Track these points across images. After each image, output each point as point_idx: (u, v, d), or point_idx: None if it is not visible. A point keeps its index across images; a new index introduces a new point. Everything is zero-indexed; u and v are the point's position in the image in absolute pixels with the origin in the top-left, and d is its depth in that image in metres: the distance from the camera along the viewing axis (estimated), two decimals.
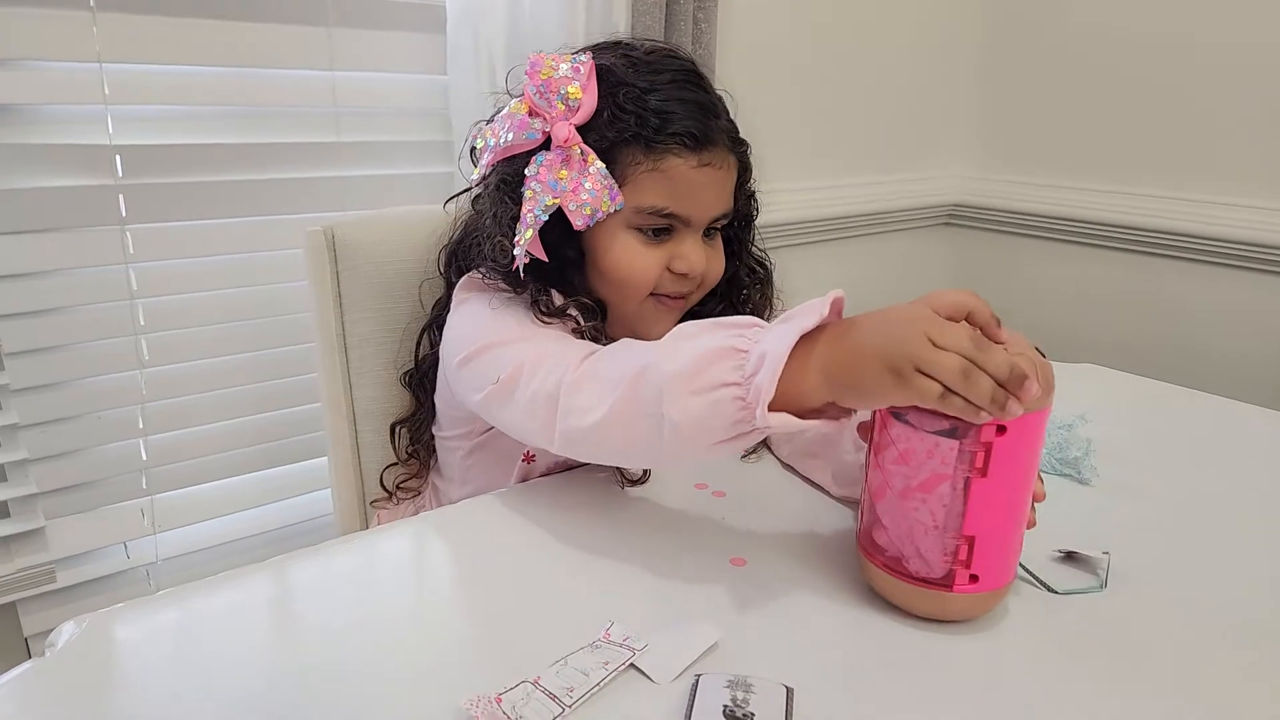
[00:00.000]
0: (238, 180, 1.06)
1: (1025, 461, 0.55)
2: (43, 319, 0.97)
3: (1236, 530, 0.73)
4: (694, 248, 0.76)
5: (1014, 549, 0.58)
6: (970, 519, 0.55)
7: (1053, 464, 0.82)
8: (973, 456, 0.53)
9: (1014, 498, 0.56)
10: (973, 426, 0.52)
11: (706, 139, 0.73)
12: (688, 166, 0.73)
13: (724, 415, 0.55)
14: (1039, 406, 0.53)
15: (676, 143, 0.72)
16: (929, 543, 0.56)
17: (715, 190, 0.76)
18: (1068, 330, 1.78)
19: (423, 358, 0.85)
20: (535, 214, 0.71)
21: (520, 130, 0.72)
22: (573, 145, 0.71)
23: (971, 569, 0.56)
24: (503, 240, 0.74)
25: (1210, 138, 1.53)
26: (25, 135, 0.93)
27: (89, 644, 0.55)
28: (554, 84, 0.71)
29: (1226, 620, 0.60)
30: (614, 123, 0.72)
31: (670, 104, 0.73)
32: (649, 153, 0.72)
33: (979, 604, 0.58)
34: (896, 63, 1.72)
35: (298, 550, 0.66)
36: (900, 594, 0.59)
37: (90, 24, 0.92)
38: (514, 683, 0.50)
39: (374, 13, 1.11)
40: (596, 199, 0.71)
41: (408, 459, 0.87)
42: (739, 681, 0.51)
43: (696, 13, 1.24)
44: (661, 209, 0.73)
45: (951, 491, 0.55)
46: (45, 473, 1.01)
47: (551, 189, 0.71)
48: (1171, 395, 1.07)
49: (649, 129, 0.72)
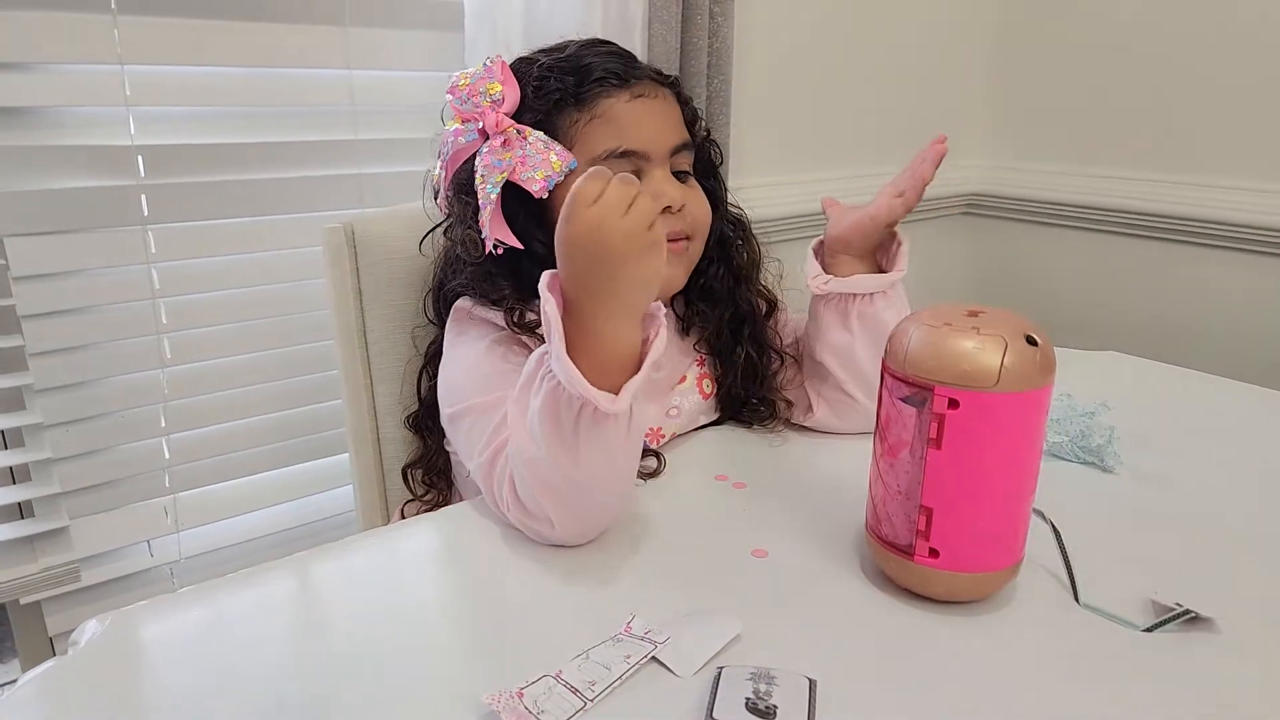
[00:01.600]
0: (257, 179, 1.06)
1: (994, 443, 0.55)
2: (66, 319, 0.98)
3: (1263, 517, 0.72)
4: (665, 180, 0.77)
5: (995, 535, 0.57)
6: (928, 490, 0.56)
7: (1076, 452, 0.81)
8: (928, 427, 0.55)
9: (982, 479, 0.55)
10: (929, 396, 0.54)
11: (630, 74, 0.76)
12: (621, 102, 0.75)
13: (607, 434, 0.59)
14: (1006, 389, 0.53)
15: (602, 85, 0.75)
16: (895, 507, 0.58)
17: (659, 118, 0.77)
18: (1090, 317, 1.76)
19: (424, 398, 0.85)
20: (488, 191, 0.72)
21: (457, 138, 0.74)
22: (507, 128, 0.73)
23: (930, 542, 0.57)
24: (469, 232, 0.75)
25: (1231, 121, 1.50)
26: (49, 137, 0.94)
27: (111, 642, 0.55)
28: (474, 88, 0.74)
29: (1258, 610, 0.59)
30: (540, 96, 0.75)
31: (585, 58, 0.77)
32: (581, 106, 0.75)
33: (954, 583, 0.57)
34: (914, 53, 1.71)
35: (319, 546, 0.66)
36: (879, 556, 0.61)
37: (112, 27, 0.93)
38: (536, 676, 0.50)
39: (391, 11, 1.11)
40: (545, 163, 0.72)
41: (426, 493, 0.86)
42: (761, 673, 0.50)
43: (713, 6, 1.23)
44: (614, 149, 0.75)
45: (911, 459, 0.57)
46: (69, 472, 1.02)
47: (497, 167, 0.73)
48: (1195, 381, 1.05)
49: (572, 86, 0.75)
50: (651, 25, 1.16)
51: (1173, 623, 0.57)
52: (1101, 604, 0.59)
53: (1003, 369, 0.53)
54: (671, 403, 0.84)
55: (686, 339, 0.86)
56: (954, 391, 0.54)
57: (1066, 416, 0.85)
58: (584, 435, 0.59)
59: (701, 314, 0.84)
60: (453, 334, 0.79)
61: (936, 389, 0.54)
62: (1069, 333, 1.73)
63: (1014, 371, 0.53)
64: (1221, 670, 0.53)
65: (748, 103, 1.42)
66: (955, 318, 0.57)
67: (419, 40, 1.15)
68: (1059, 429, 0.83)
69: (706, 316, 0.84)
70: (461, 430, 0.74)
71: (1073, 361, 1.04)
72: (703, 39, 1.22)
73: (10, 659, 1.16)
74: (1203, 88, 1.53)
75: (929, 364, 0.55)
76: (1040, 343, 0.55)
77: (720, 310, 0.84)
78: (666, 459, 0.78)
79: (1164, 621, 0.57)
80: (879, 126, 1.70)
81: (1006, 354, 0.53)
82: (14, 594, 1.01)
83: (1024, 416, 0.55)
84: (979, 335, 0.54)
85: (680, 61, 1.21)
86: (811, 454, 0.83)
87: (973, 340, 0.54)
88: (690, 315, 0.85)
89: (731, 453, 0.84)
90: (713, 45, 1.25)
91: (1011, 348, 0.53)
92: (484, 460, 0.68)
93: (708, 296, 0.84)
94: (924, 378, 0.55)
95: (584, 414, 0.58)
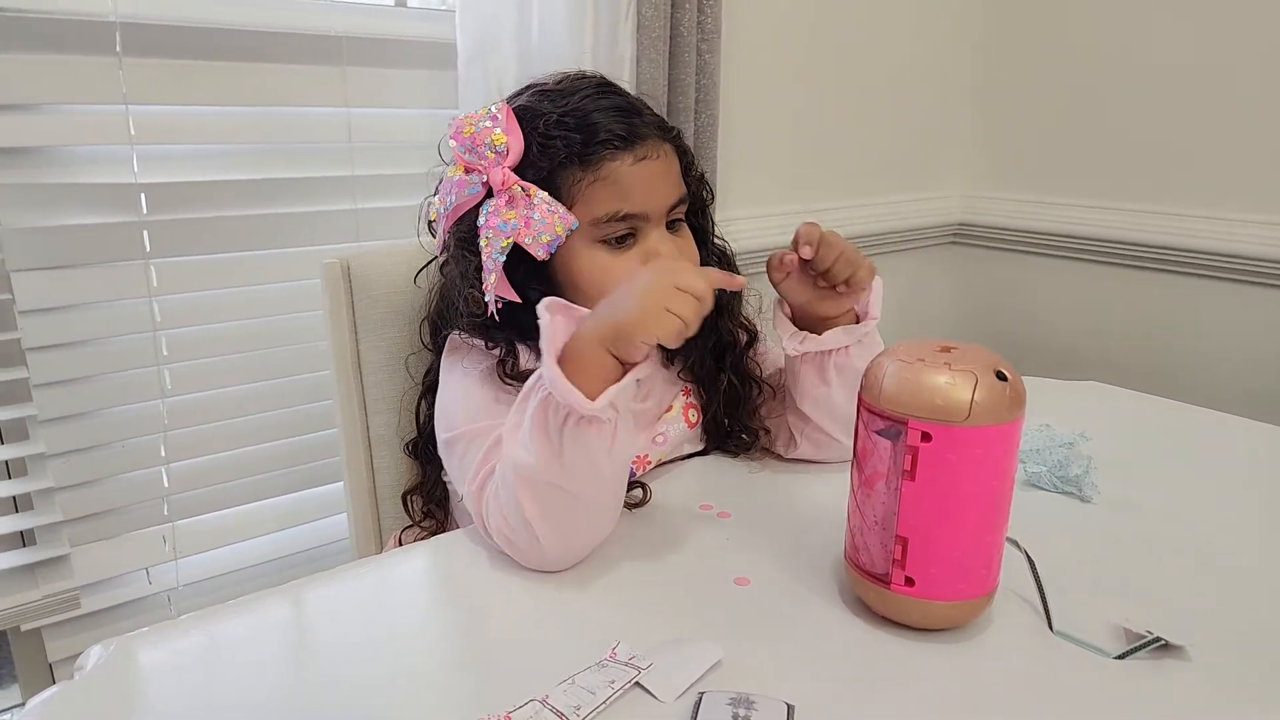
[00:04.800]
0: (257, 214, 1.09)
1: (967, 475, 0.57)
2: (69, 351, 1.00)
3: (1238, 547, 0.74)
4: (661, 239, 0.78)
5: (969, 564, 0.59)
6: (903, 520, 0.58)
7: (1054, 481, 0.83)
8: (902, 459, 0.57)
9: (956, 510, 0.57)
10: (903, 430, 0.57)
11: (635, 135, 0.77)
12: (626, 165, 0.76)
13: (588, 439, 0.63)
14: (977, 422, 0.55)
15: (608, 147, 0.75)
16: (872, 537, 0.60)
17: (660, 180, 0.78)
18: (1075, 346, 1.78)
19: (422, 426, 0.88)
20: (494, 257, 0.74)
21: (461, 189, 0.75)
22: (512, 185, 0.74)
23: (906, 571, 0.59)
24: (472, 292, 0.77)
25: (1215, 151, 1.54)
26: (56, 176, 0.97)
27: (115, 667, 0.57)
28: (479, 138, 0.74)
29: (1229, 636, 0.61)
30: (545, 152, 0.76)
31: (590, 116, 0.76)
32: (585, 166, 0.75)
33: (929, 611, 0.59)
34: (898, 84, 1.75)
35: (314, 574, 0.68)
36: (856, 585, 0.63)
37: (117, 68, 0.96)
38: (523, 701, 0.52)
39: (386, 52, 1.15)
40: (549, 226, 0.74)
41: (424, 519, 0.88)
42: (741, 699, 0.52)
43: (700, 44, 1.27)
44: (616, 213, 0.76)
45: (887, 490, 0.59)
46: (70, 501, 1.04)
47: (503, 231, 0.73)
48: (1175, 411, 1.07)
49: (578, 145, 0.75)
50: (640, 63, 1.19)
51: (1144, 650, 0.58)
52: (1074, 632, 0.61)
53: (973, 403, 0.55)
54: (658, 430, 0.86)
55: (671, 368, 0.89)
56: (927, 425, 0.56)
57: (1045, 446, 0.87)
58: (568, 439, 0.63)
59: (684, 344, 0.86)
60: (448, 361, 0.81)
61: (910, 422, 0.56)
62: (1054, 362, 1.76)
63: (984, 406, 0.55)
64: (1194, 699, 0.55)
65: (734, 136, 1.46)
66: (928, 353, 0.59)
67: (414, 79, 1.18)
68: (1038, 459, 0.85)
69: (689, 346, 0.86)
70: (455, 456, 0.76)
71: (1053, 392, 1.07)
72: (690, 75, 1.26)
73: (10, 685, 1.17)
74: (1187, 118, 1.56)
75: (903, 398, 0.57)
76: (1010, 378, 0.57)
77: (702, 340, 0.86)
78: (653, 489, 0.80)
79: (1135, 649, 0.59)
80: (864, 158, 1.73)
81: (977, 389, 0.56)
82: (15, 620, 1.02)
83: (994, 449, 0.57)
84: (951, 371, 0.56)
85: (668, 97, 1.24)
86: (793, 484, 0.85)
87: (945, 375, 0.56)
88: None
89: (716, 483, 0.86)
90: (700, 81, 1.28)
91: (982, 383, 0.56)
92: (475, 487, 0.71)
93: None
94: (898, 412, 0.57)
95: (569, 419, 0.63)
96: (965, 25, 1.81)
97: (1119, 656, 0.58)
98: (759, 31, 1.48)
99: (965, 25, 1.81)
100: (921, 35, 1.75)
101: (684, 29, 1.23)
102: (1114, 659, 0.58)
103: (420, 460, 0.89)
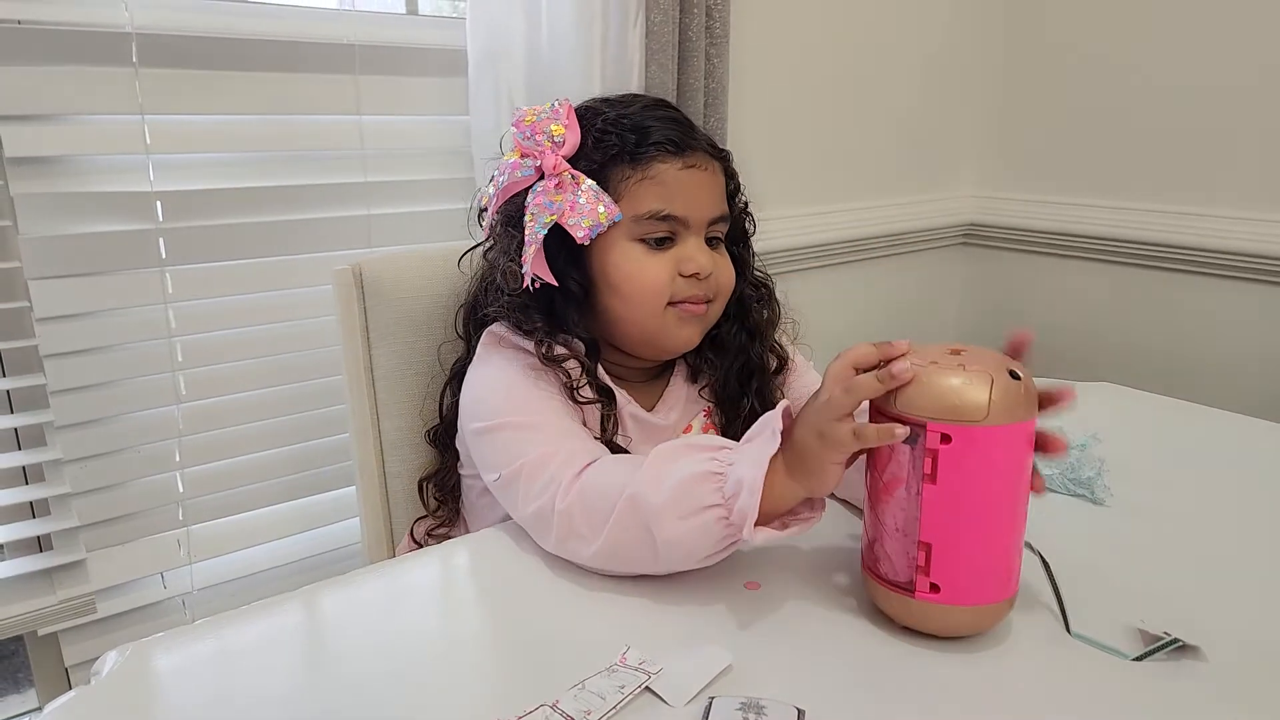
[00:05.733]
0: (270, 221, 1.10)
1: (986, 476, 0.57)
2: (86, 358, 1.01)
3: (1251, 550, 0.73)
4: (698, 248, 0.79)
5: (991, 567, 0.59)
6: (925, 525, 0.57)
7: (1066, 484, 0.83)
8: (922, 462, 0.56)
9: (977, 512, 0.57)
10: (922, 433, 0.56)
11: (686, 144, 0.79)
12: (674, 169, 0.78)
13: (711, 535, 0.62)
14: (994, 422, 0.55)
15: (659, 150, 0.78)
16: (894, 545, 0.60)
17: (705, 190, 0.80)
18: (1086, 348, 1.77)
19: (445, 415, 0.88)
20: (535, 230, 0.75)
21: (514, 171, 0.78)
22: (563, 171, 0.76)
23: (931, 577, 0.58)
24: (511, 265, 0.79)
25: (1226, 152, 1.53)
26: (73, 185, 0.98)
27: (131, 672, 0.58)
28: (539, 126, 0.77)
29: (1246, 639, 0.60)
30: (599, 147, 0.78)
31: (647, 121, 0.79)
32: (635, 164, 0.78)
33: (954, 618, 0.59)
34: (909, 85, 1.74)
35: (327, 579, 0.69)
36: (877, 595, 0.62)
37: (133, 79, 0.97)
38: (533, 706, 0.52)
39: (398, 60, 1.16)
40: (593, 212, 0.75)
41: (437, 509, 0.89)
42: (751, 704, 0.52)
43: (709, 49, 1.27)
44: (658, 212, 0.77)
45: (907, 495, 0.58)
46: (86, 506, 1.05)
47: (548, 208, 0.75)
48: (1188, 412, 1.07)
49: (631, 144, 0.78)
50: (649, 67, 1.20)
51: (1161, 652, 0.58)
52: (1091, 634, 0.61)
53: (991, 402, 0.55)
54: None
55: (694, 386, 0.89)
56: (946, 426, 0.55)
57: None
58: (699, 521, 0.62)
59: (710, 363, 0.87)
60: (485, 353, 0.81)
61: (929, 425, 0.56)
62: (1066, 363, 1.75)
63: (1001, 405, 0.55)
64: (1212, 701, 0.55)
65: (743, 141, 1.46)
66: (939, 356, 0.59)
67: (425, 87, 1.19)
68: (1049, 461, 0.85)
69: (714, 365, 0.87)
70: (490, 444, 0.76)
71: None
72: (699, 79, 1.26)
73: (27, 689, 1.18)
74: (1201, 117, 1.55)
75: (919, 401, 0.56)
76: (1023, 377, 0.57)
77: (729, 362, 0.87)
78: None
79: (1152, 651, 0.58)
80: (874, 159, 1.73)
81: (994, 388, 0.55)
82: (33, 625, 1.03)
83: (1012, 447, 0.57)
84: (965, 372, 0.56)
85: (677, 101, 1.25)
86: None
87: (960, 377, 0.56)
88: (699, 363, 0.88)
89: None
90: (708, 85, 1.29)
91: (997, 382, 0.56)
92: (507, 473, 0.72)
93: (717, 348, 0.87)
94: (916, 415, 0.56)
95: (715, 510, 0.61)
96: (975, 25, 1.81)
97: (1137, 658, 0.58)
98: (767, 35, 1.48)
99: (975, 25, 1.81)
100: (930, 36, 1.75)
101: (692, 34, 1.24)
102: (1132, 660, 0.58)
103: (439, 448, 0.89)
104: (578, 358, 0.78)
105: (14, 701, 1.39)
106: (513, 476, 0.72)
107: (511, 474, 0.72)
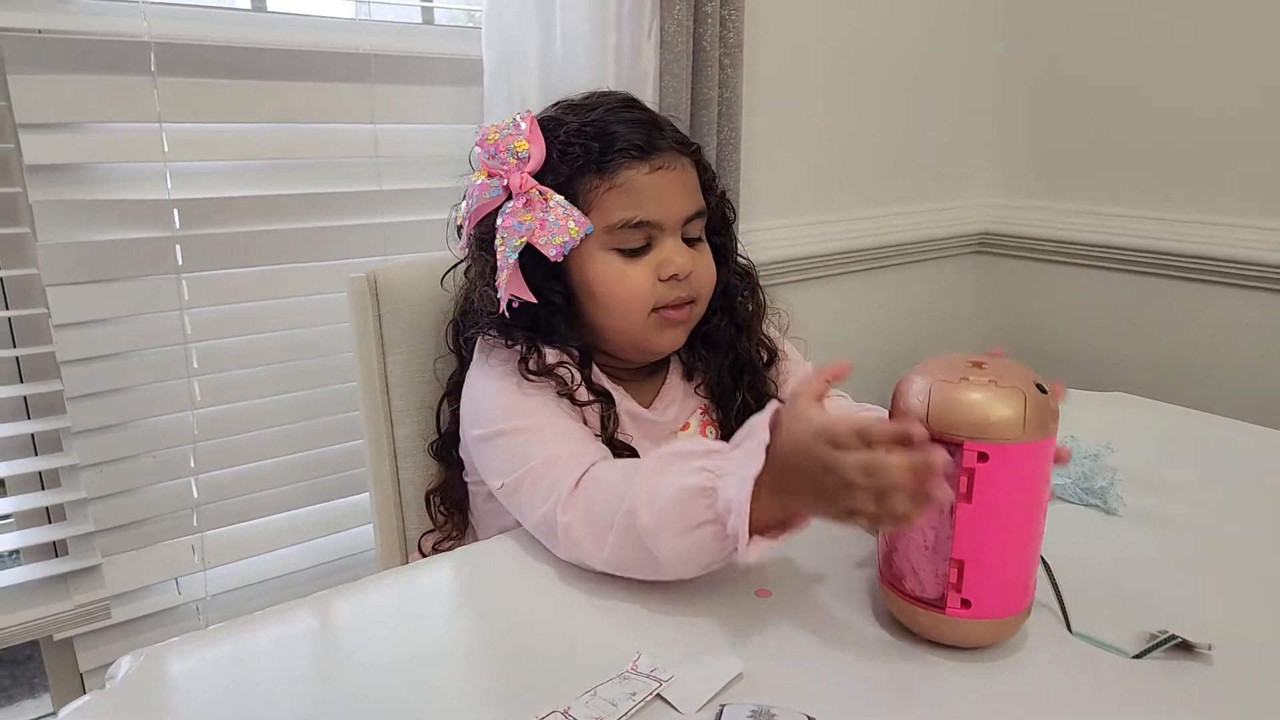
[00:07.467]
0: (285, 229, 1.11)
1: (1018, 492, 0.56)
2: (102, 364, 1.02)
3: (1266, 560, 0.73)
4: (676, 249, 0.79)
5: (1017, 580, 0.58)
6: (959, 543, 0.57)
7: (1078, 494, 0.82)
8: (957, 481, 0.55)
9: (1008, 527, 0.57)
10: (958, 451, 0.55)
11: (652, 146, 0.78)
12: (641, 174, 0.77)
13: (709, 549, 0.62)
14: (1028, 438, 0.55)
15: (624, 156, 0.77)
16: (923, 562, 0.59)
17: (676, 190, 0.79)
18: (1100, 357, 1.76)
19: (445, 427, 0.89)
20: (506, 255, 0.75)
21: (483, 192, 0.77)
22: (530, 189, 0.75)
23: (963, 593, 0.57)
24: (487, 289, 0.78)
25: (1240, 160, 1.52)
26: (91, 192, 0.99)
27: (145, 677, 0.58)
28: (502, 144, 0.76)
29: (1259, 652, 0.60)
30: (564, 159, 0.77)
31: (610, 127, 0.78)
32: (603, 174, 0.77)
33: (982, 631, 0.59)
34: (921, 94, 1.74)
35: (340, 586, 0.69)
36: (902, 612, 0.61)
37: (151, 87, 0.99)
38: (545, 712, 0.52)
39: (413, 69, 1.17)
40: (563, 228, 0.75)
41: (444, 522, 0.89)
42: (762, 711, 0.52)
43: (723, 59, 1.28)
44: (630, 219, 0.77)
45: (939, 514, 0.57)
46: (102, 511, 1.06)
47: (517, 230, 0.75)
48: (1202, 422, 1.06)
49: (596, 153, 0.77)
50: (663, 78, 1.20)
51: (1161, 648, 0.58)
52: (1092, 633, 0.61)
53: (1025, 419, 0.54)
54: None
55: (689, 383, 0.89)
56: (983, 445, 0.54)
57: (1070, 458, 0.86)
58: (697, 536, 0.62)
59: (703, 359, 0.87)
60: (481, 358, 0.82)
61: (965, 444, 0.55)
62: (1080, 372, 1.74)
63: (1034, 421, 0.55)
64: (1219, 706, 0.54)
65: (757, 149, 1.47)
66: (965, 370, 0.57)
67: (440, 95, 1.20)
68: (1062, 471, 0.85)
69: (708, 362, 0.87)
70: (492, 450, 0.76)
71: (1079, 403, 1.05)
72: (713, 90, 1.27)
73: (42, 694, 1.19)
74: (1214, 126, 1.54)
75: (953, 419, 0.55)
76: (1048, 390, 0.57)
77: (721, 358, 0.87)
78: None
79: (1152, 648, 0.58)
80: (887, 168, 1.73)
81: (1027, 405, 0.55)
82: (49, 630, 1.04)
83: (1043, 462, 0.57)
84: (998, 388, 0.55)
85: (691, 111, 1.25)
86: None
87: (993, 394, 0.55)
88: (693, 360, 0.88)
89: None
90: (722, 95, 1.29)
91: (1030, 398, 0.55)
92: (510, 481, 0.72)
93: (709, 344, 0.87)
94: (953, 435, 0.55)
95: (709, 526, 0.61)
96: (989, 34, 1.80)
97: (1137, 656, 0.58)
98: (781, 45, 1.48)
99: (989, 34, 1.80)
100: (944, 44, 1.75)
101: (706, 44, 1.24)
102: (1131, 658, 0.58)
103: (443, 461, 0.90)
104: (571, 363, 0.78)
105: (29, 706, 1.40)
106: (516, 484, 0.72)
107: (515, 481, 0.72)
